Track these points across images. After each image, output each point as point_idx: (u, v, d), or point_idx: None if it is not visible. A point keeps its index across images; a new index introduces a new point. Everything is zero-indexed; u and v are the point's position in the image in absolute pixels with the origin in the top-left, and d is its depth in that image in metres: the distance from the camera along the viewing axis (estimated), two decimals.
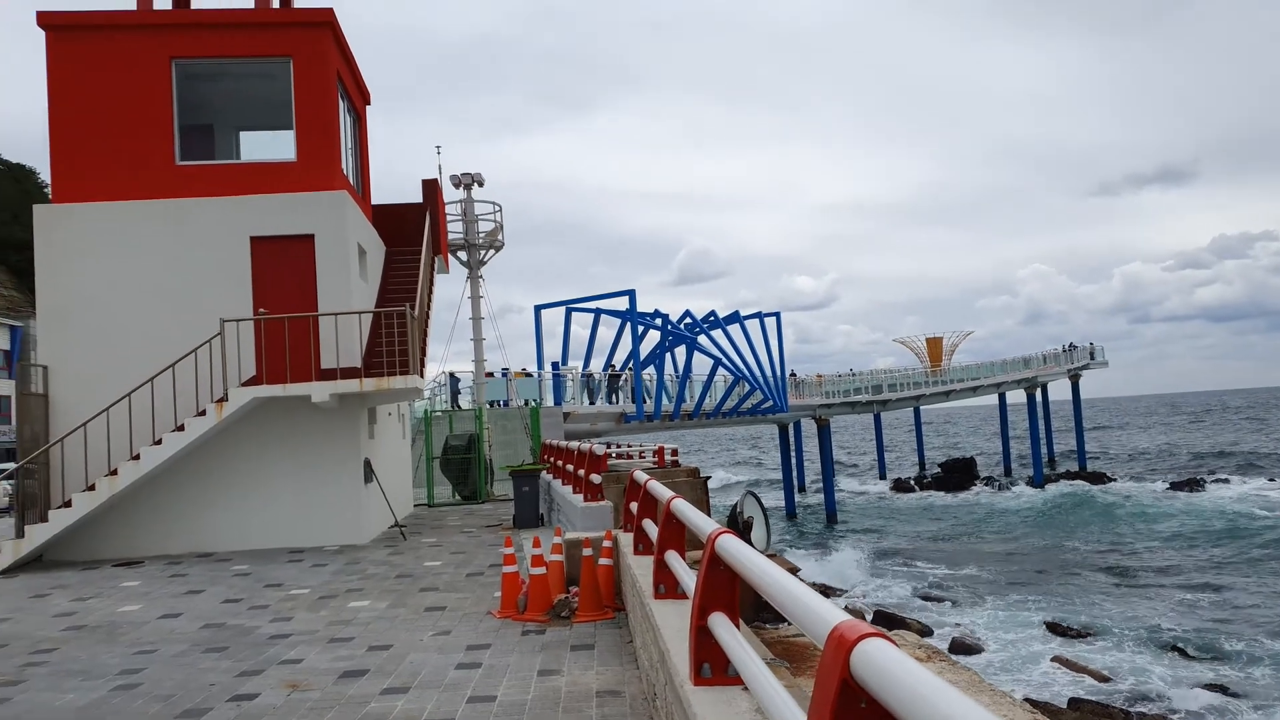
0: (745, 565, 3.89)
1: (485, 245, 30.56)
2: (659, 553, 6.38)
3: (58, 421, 15.32)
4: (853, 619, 2.34)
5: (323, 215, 16.15)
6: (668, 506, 6.32)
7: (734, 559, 4.06)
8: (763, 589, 3.49)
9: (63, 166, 16.00)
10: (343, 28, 17.30)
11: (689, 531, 6.26)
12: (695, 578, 5.23)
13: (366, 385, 15.17)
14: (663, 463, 20.33)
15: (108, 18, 16.23)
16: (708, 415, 37.28)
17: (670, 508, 6.25)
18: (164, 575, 12.90)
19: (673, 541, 6.35)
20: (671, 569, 6.05)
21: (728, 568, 4.29)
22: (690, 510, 5.97)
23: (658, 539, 6.44)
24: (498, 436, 26.69)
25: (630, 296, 32.51)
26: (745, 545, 4.17)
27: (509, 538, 10.77)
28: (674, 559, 6.07)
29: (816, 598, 2.91)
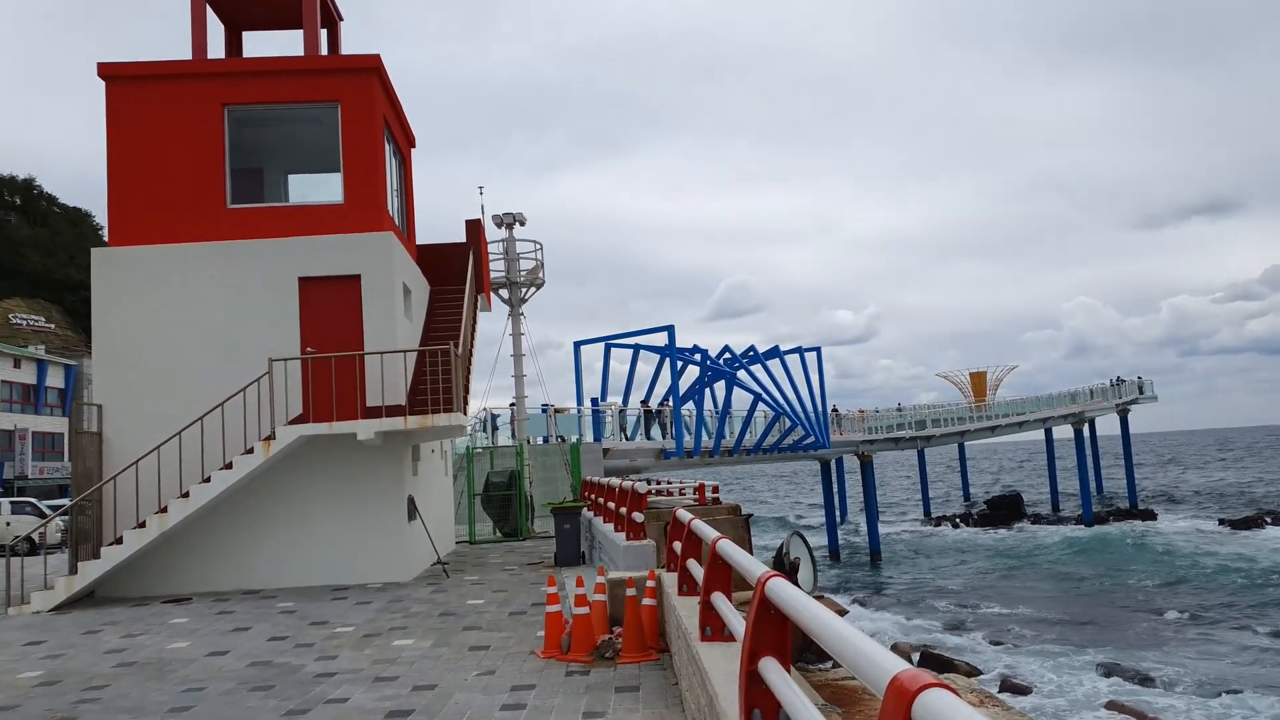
0: (797, 610, 3.85)
1: (526, 283, 30.85)
2: (705, 594, 6.33)
3: (111, 459, 15.64)
4: (913, 668, 2.30)
5: (369, 256, 16.43)
6: (713, 548, 6.28)
7: (785, 604, 4.02)
8: (817, 635, 3.44)
9: (119, 210, 16.47)
10: (389, 73, 17.71)
11: (735, 572, 6.23)
12: (743, 621, 5.19)
13: (411, 423, 15.30)
14: (703, 500, 20.19)
15: (164, 67, 16.78)
16: (748, 451, 37.04)
17: (716, 549, 6.20)
18: (211, 612, 13.03)
19: (719, 583, 6.30)
20: (718, 611, 5.99)
21: (778, 612, 4.24)
22: (736, 551, 5.93)
23: (703, 580, 6.39)
24: (538, 473, 26.73)
25: (669, 332, 32.56)
26: (796, 590, 4.12)
27: (551, 576, 10.74)
28: (720, 601, 6.01)
29: (874, 645, 2.87)
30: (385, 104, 17.72)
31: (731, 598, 6.21)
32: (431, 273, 20.80)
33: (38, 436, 60.86)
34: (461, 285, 20.53)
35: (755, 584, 4.52)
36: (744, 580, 6.29)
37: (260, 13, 19.20)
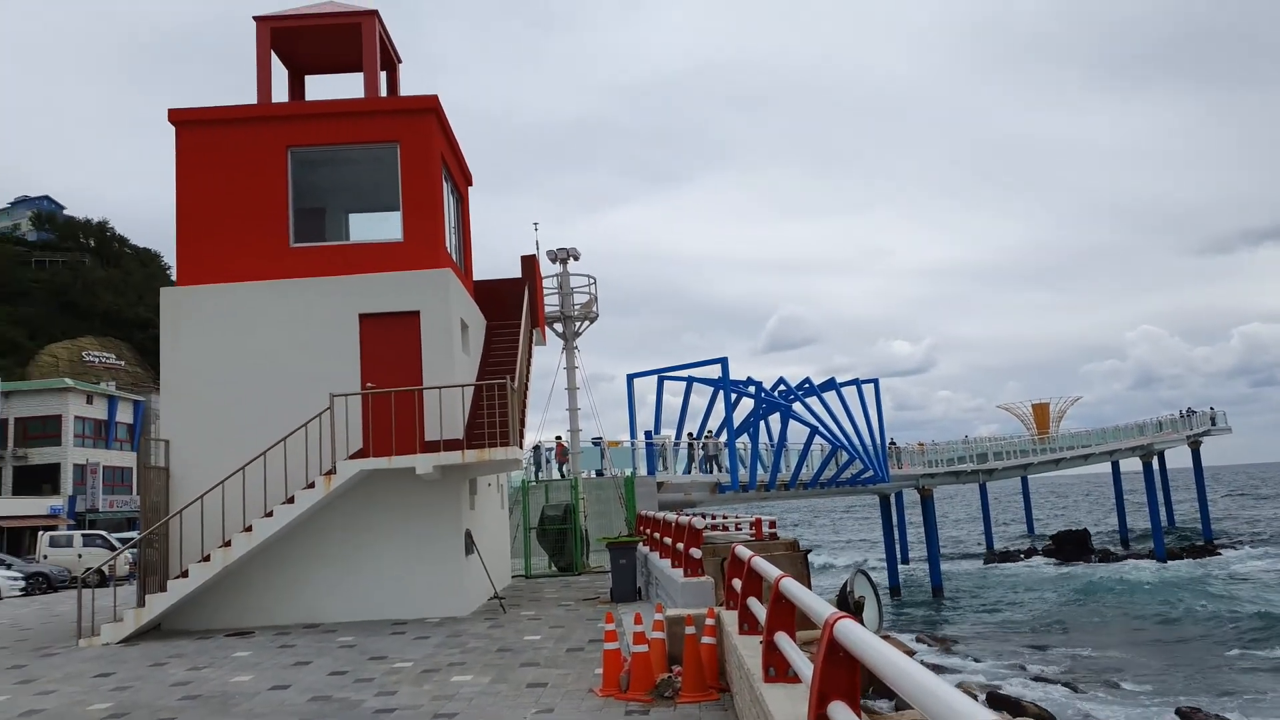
0: (869, 654, 3.73)
1: (580, 317, 31.01)
2: (768, 634, 6.20)
3: (177, 493, 15.97)
4: (996, 715, 2.20)
5: (428, 292, 16.66)
6: (776, 586, 6.16)
7: (856, 647, 3.90)
8: (891, 680, 3.33)
9: (187, 250, 16.95)
10: (446, 112, 18.05)
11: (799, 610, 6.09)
12: (810, 662, 5.05)
13: (468, 457, 15.39)
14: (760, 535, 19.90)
15: (230, 112, 17.31)
16: (805, 485, 36.56)
17: (779, 587, 6.08)
18: (273, 646, 13.16)
19: (782, 622, 6.16)
20: (783, 651, 5.85)
21: (848, 654, 4.12)
22: (801, 590, 5.80)
23: (766, 619, 6.26)
24: (592, 507, 26.67)
25: (723, 364, 32.40)
26: (867, 632, 4.00)
27: (609, 613, 10.64)
28: (785, 641, 5.87)
29: (954, 692, 2.76)
30: (443, 143, 18.05)
31: (795, 637, 6.07)
32: (488, 308, 21.02)
33: (108, 470, 62.58)
34: (517, 320, 20.70)
35: (823, 625, 4.40)
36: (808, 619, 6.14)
37: (322, 57, 19.76)
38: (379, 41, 18.36)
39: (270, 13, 18.16)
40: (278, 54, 19.17)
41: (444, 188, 17.89)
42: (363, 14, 18.26)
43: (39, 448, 59.65)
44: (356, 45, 18.65)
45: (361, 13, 18.28)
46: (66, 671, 11.85)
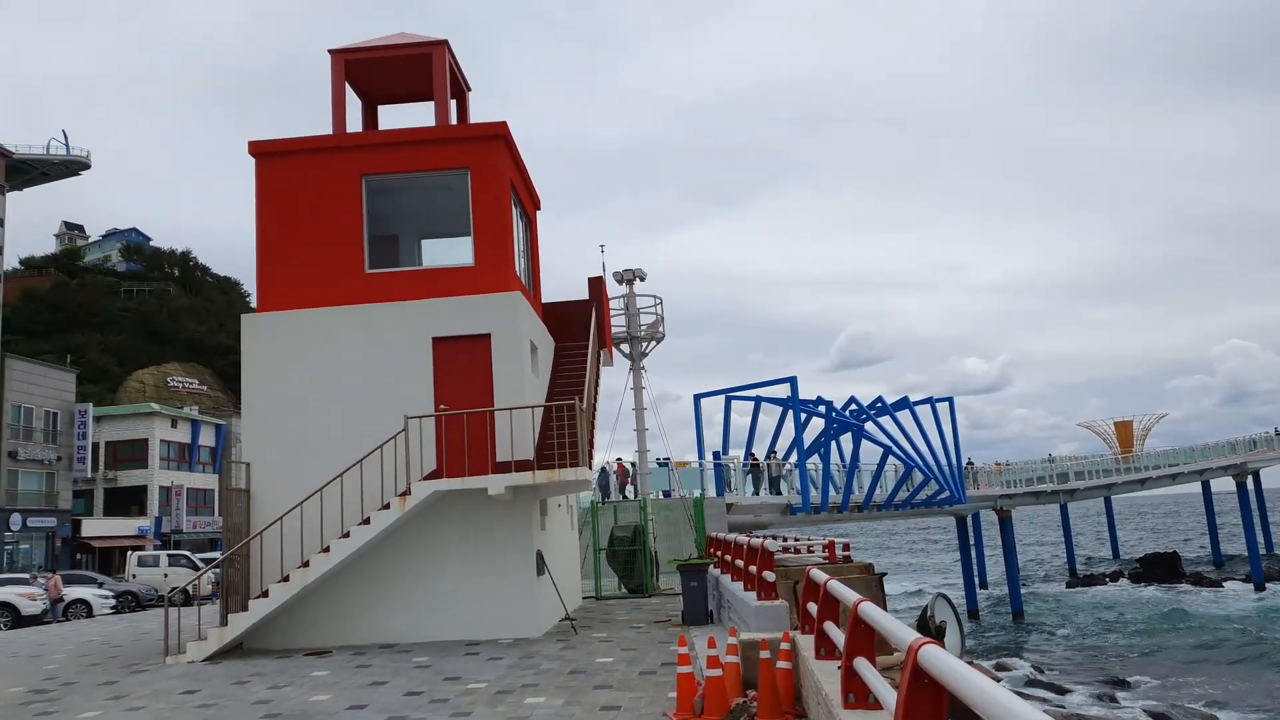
0: (955, 680, 3.60)
1: (647, 337, 31.05)
2: (847, 659, 6.05)
3: (258, 515, 16.37)
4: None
5: (498, 315, 16.86)
6: (855, 610, 6.02)
7: (942, 674, 3.77)
8: (979, 708, 3.20)
9: (267, 277, 17.45)
10: (515, 138, 18.31)
11: (878, 635, 5.94)
12: (892, 690, 4.91)
13: (539, 477, 15.47)
14: (834, 558, 19.61)
15: (307, 143, 17.82)
16: (879, 507, 35.90)
17: (858, 612, 5.94)
18: (350, 665, 13.34)
19: (861, 647, 6.01)
20: (863, 678, 5.70)
21: (933, 681, 3.99)
22: (880, 615, 5.66)
23: (845, 645, 6.11)
24: (661, 528, 26.55)
25: (792, 383, 32.10)
26: (953, 658, 3.87)
27: (682, 636, 10.54)
28: (865, 667, 5.73)
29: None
30: (512, 169, 18.30)
31: (875, 662, 5.92)
32: (556, 329, 21.19)
33: (191, 492, 64.59)
34: (585, 341, 20.82)
35: (906, 651, 4.27)
36: (886, 644, 5.97)
37: (394, 88, 20.25)
38: (449, 70, 18.74)
39: (344, 46, 18.69)
40: (352, 85, 19.70)
41: (513, 212, 18.12)
42: (433, 44, 18.67)
43: (127, 470, 61.87)
44: (427, 75, 19.07)
45: (431, 43, 18.69)
46: (155, 688, 12.19)
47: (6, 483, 50.63)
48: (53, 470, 54.19)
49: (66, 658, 16.29)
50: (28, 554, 51.34)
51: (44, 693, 12.36)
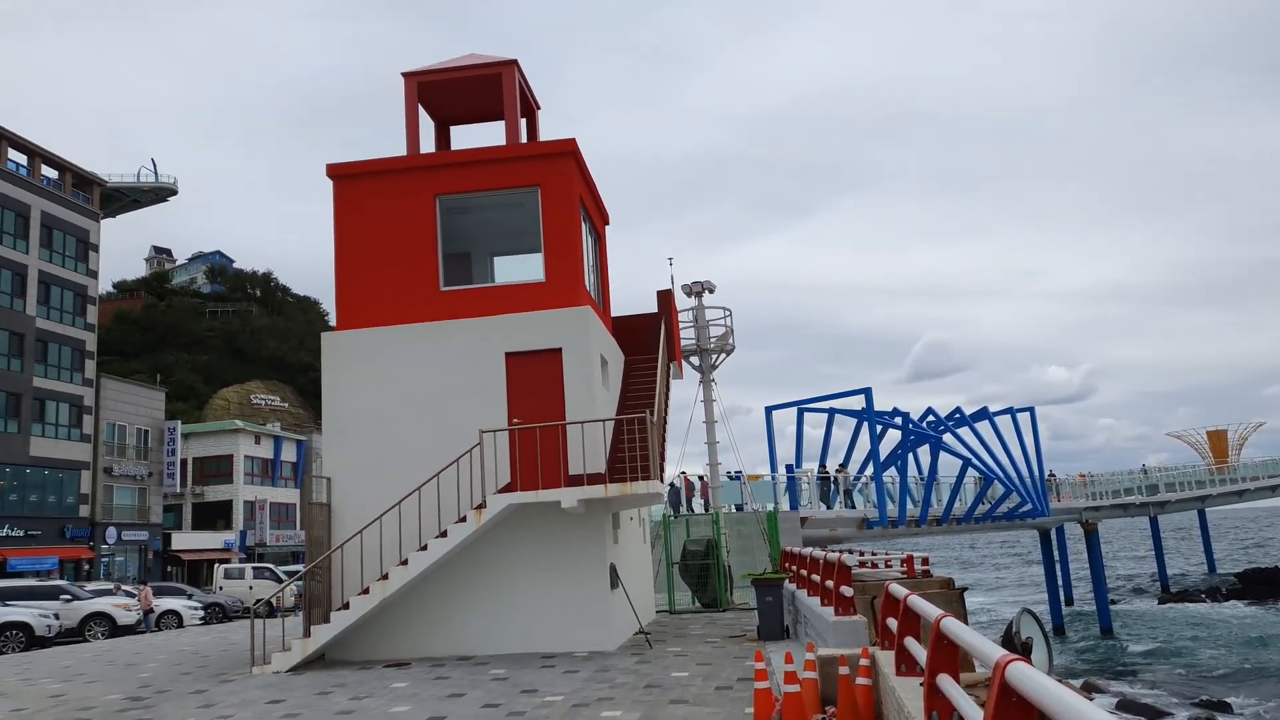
0: (1045, 699, 3.47)
1: (717, 349, 30.95)
2: (929, 676, 5.90)
3: (338, 528, 16.74)
4: None
5: (569, 330, 17.00)
6: (937, 626, 5.87)
7: (1030, 691, 3.64)
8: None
9: (346, 296, 17.89)
10: (583, 155, 18.48)
11: (962, 652, 5.79)
12: (978, 707, 4.77)
13: (611, 490, 15.51)
14: (912, 572, 19.22)
15: (382, 164, 18.25)
16: (958, 520, 35.08)
17: (941, 627, 5.80)
18: (429, 677, 13.53)
19: (944, 664, 5.86)
20: (947, 695, 5.56)
21: (1022, 699, 3.86)
22: (965, 631, 5.51)
23: (927, 661, 5.97)
24: (734, 542, 26.36)
25: (866, 394, 31.62)
26: (1043, 675, 3.74)
27: (759, 651, 10.43)
28: (949, 685, 5.58)
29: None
30: (581, 185, 18.47)
31: (959, 679, 5.77)
32: (625, 343, 21.27)
33: (274, 507, 66.46)
34: (654, 354, 20.85)
35: (993, 668, 4.15)
36: (968, 661, 5.81)
37: (466, 108, 20.64)
38: (518, 90, 19.03)
39: (417, 69, 19.12)
40: (425, 107, 20.14)
41: (582, 228, 18.28)
42: (502, 64, 18.98)
43: (214, 485, 63.98)
44: (497, 94, 19.39)
45: (501, 63, 19.01)
46: (243, 698, 12.53)
47: (103, 497, 52.78)
48: (144, 485, 56.33)
49: (159, 666, 16.87)
50: (122, 566, 53.43)
51: (140, 700, 12.80)
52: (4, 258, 47.88)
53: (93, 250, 54.42)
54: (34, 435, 48.24)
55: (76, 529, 50.14)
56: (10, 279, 48.20)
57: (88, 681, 15.15)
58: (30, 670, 17.43)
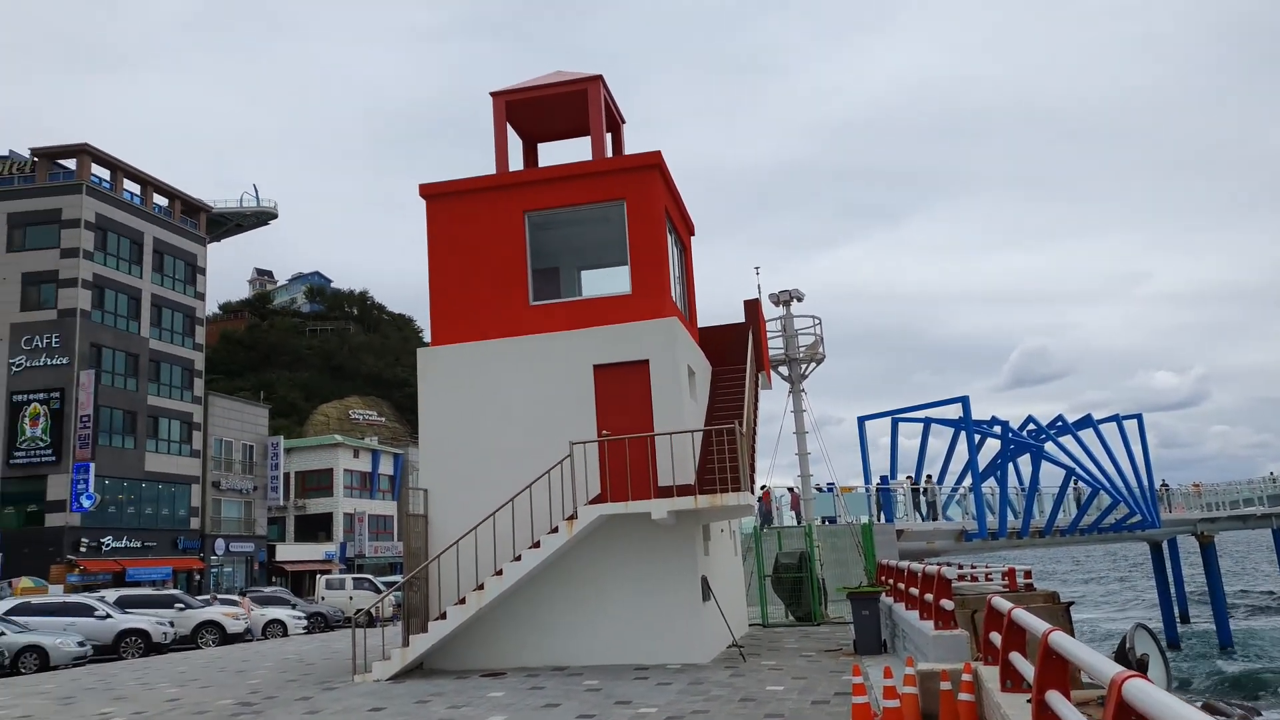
0: (1169, 718, 3.30)
1: (806, 359, 30.58)
2: (1038, 692, 5.70)
3: (435, 539, 17.09)
4: None
5: (656, 341, 17.03)
6: (1045, 641, 5.67)
7: (1151, 710, 3.47)
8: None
9: (439, 312, 18.30)
10: (668, 166, 18.54)
11: (1071, 668, 5.56)
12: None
13: (701, 502, 15.45)
14: (1014, 586, 18.55)
15: (473, 183, 18.64)
16: (1062, 532, 33.81)
17: (1049, 642, 5.59)
18: (524, 687, 13.67)
19: (1053, 680, 5.65)
20: (1058, 713, 5.35)
21: (1141, 718, 3.68)
22: (1075, 646, 5.30)
23: (1035, 677, 5.76)
24: (828, 555, 25.94)
25: (964, 403, 30.79)
26: (1165, 694, 3.56)
27: (856, 665, 10.22)
28: (1060, 702, 5.37)
29: None
30: (666, 197, 18.53)
31: (1069, 696, 5.55)
32: (712, 353, 21.19)
33: (372, 519, 68.28)
34: (742, 364, 20.72)
35: (1109, 685, 3.97)
36: (1075, 677, 5.57)
37: (553, 125, 20.94)
38: (603, 104, 19.22)
39: (504, 88, 19.50)
40: (512, 125, 20.51)
41: (668, 239, 18.31)
42: (587, 80, 19.20)
43: (315, 498, 66.08)
44: (583, 110, 19.62)
45: (586, 79, 19.23)
46: (345, 705, 12.87)
47: (211, 510, 55.09)
48: (250, 499, 58.58)
49: (267, 673, 17.47)
50: (230, 576, 55.61)
51: (249, 705, 13.28)
52: (121, 283, 50.56)
53: (200, 273, 57.02)
54: (149, 451, 50.69)
55: (188, 540, 52.42)
56: (126, 303, 50.85)
57: (201, 687, 15.79)
58: (148, 675, 18.26)
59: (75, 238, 48.14)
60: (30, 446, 45.99)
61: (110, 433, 48.34)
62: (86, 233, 48.59)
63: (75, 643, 22.30)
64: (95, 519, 46.23)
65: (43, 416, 46.17)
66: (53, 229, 48.41)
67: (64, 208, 48.56)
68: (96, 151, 50.52)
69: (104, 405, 47.73)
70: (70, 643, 22.14)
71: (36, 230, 48.57)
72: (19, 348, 47.09)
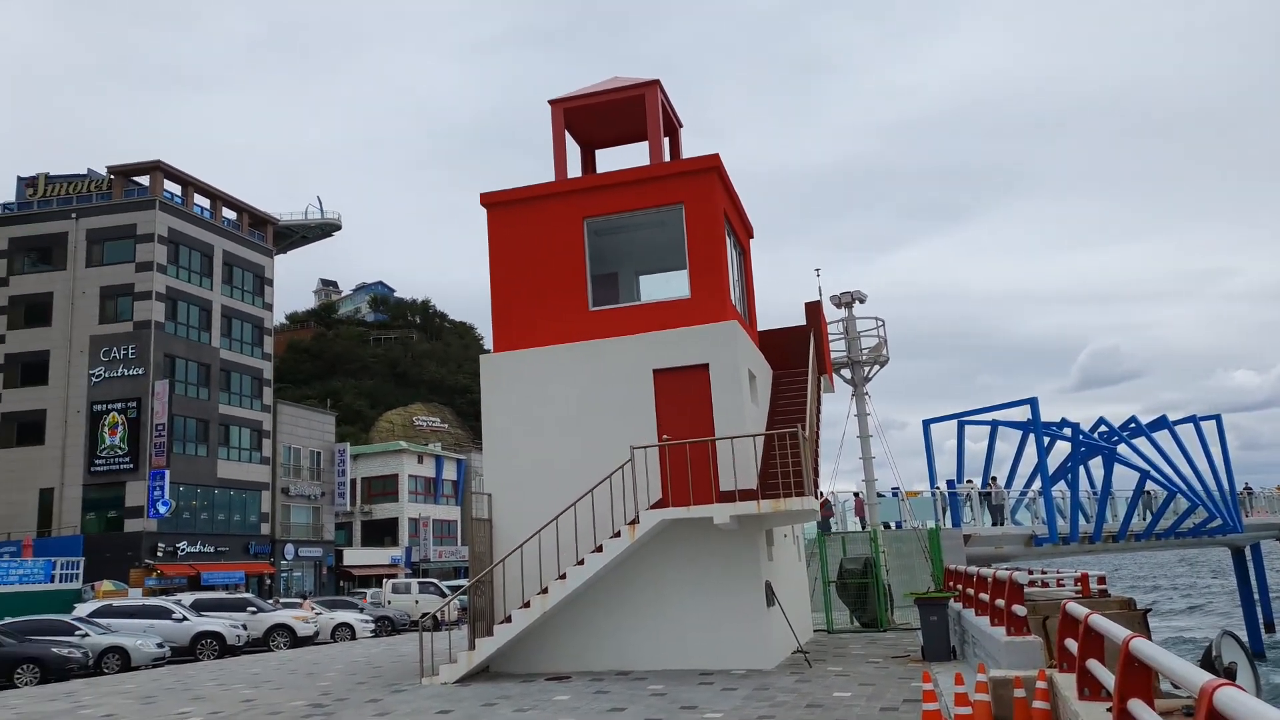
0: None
1: (869, 362, 30.18)
2: (1119, 701, 5.52)
3: (499, 543, 17.24)
4: None
5: (716, 345, 16.98)
6: (1126, 647, 5.49)
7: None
8: None
9: (501, 319, 18.49)
10: (727, 169, 18.47)
11: (1155, 676, 5.38)
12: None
13: (764, 507, 15.33)
14: (1088, 591, 18.04)
15: (532, 191, 18.80)
16: (1137, 537, 32.82)
17: (1130, 649, 5.41)
18: (589, 691, 13.70)
19: (1136, 688, 5.47)
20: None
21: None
22: (1160, 653, 5.12)
23: (1116, 685, 5.58)
24: (893, 560, 25.55)
25: (1032, 404, 30.10)
26: (1262, 704, 3.42)
27: (926, 672, 10.04)
28: (1144, 711, 5.20)
29: None
30: (725, 200, 18.46)
31: (1153, 705, 5.36)
32: (773, 357, 21.05)
33: (436, 524, 69.23)
34: (803, 368, 20.54)
35: (1199, 694, 3.83)
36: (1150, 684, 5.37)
37: (610, 131, 21.03)
38: (660, 109, 19.23)
39: (562, 95, 19.64)
40: (570, 132, 20.64)
41: (727, 242, 18.25)
42: (645, 85, 19.24)
43: (381, 504, 67.23)
44: (640, 115, 19.67)
45: (643, 84, 19.27)
46: (414, 707, 13.05)
47: (281, 516, 56.40)
48: (318, 505, 59.82)
49: (337, 675, 17.80)
50: (300, 581, 56.85)
51: (321, 706, 13.54)
52: (192, 295, 52.11)
53: (268, 285, 58.49)
54: (220, 458, 52.10)
55: (259, 546, 53.72)
56: (198, 314, 52.38)
57: (274, 688, 16.15)
58: (223, 676, 18.74)
59: (149, 252, 49.76)
60: (109, 454, 47.61)
61: (184, 440, 49.80)
62: (160, 247, 50.19)
63: (154, 644, 23.00)
64: (170, 524, 47.65)
65: (121, 425, 47.78)
66: (128, 244, 50.12)
67: (139, 223, 50.25)
68: (168, 168, 52.18)
69: (178, 414, 49.19)
70: (150, 644, 22.84)
71: (114, 245, 50.34)
72: (98, 359, 48.80)
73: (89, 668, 21.18)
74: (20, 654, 20.06)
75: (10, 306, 50.54)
